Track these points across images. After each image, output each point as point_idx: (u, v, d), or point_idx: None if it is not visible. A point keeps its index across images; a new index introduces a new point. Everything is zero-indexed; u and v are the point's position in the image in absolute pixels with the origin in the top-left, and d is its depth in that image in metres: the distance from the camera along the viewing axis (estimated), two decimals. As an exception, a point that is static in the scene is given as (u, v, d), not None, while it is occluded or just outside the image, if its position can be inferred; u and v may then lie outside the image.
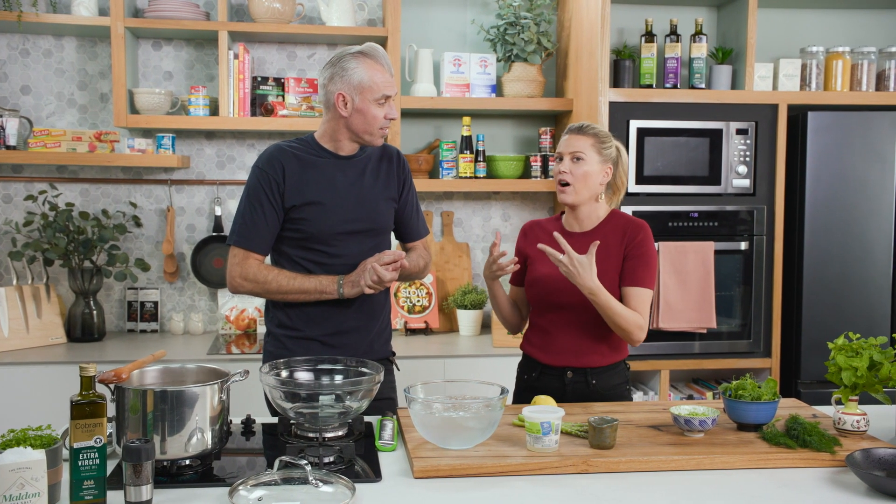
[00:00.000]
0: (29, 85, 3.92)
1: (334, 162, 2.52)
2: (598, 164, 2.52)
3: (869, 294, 3.84)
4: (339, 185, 2.50)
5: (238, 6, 4.02)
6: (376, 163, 2.59)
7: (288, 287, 2.44)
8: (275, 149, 2.52)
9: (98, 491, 1.72)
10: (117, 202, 3.98)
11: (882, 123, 3.81)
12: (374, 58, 2.44)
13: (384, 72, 2.45)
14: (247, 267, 2.47)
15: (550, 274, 2.55)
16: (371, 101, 2.44)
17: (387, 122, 2.48)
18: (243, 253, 2.48)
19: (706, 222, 3.81)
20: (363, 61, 2.43)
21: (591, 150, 2.51)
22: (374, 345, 2.60)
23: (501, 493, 1.85)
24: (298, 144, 2.54)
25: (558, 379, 2.57)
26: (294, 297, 2.46)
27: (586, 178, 2.51)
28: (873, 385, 2.20)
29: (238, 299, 3.99)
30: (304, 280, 2.45)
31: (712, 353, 3.86)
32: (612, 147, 2.55)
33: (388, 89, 2.45)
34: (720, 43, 4.15)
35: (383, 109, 2.46)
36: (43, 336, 3.68)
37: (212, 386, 1.95)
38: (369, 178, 2.55)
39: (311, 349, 2.47)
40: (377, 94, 2.43)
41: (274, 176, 2.46)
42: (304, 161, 2.50)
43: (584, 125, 2.56)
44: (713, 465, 2.02)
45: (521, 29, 3.95)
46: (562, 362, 2.57)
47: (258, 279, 2.46)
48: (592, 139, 2.52)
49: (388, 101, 2.47)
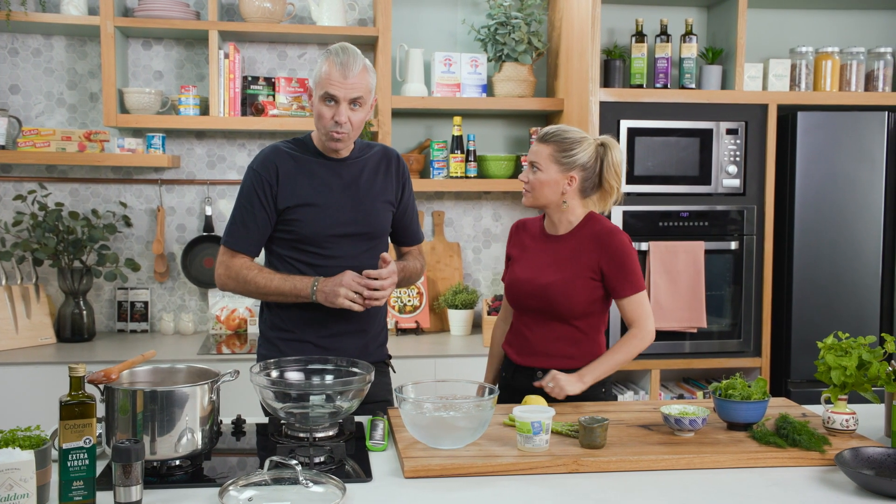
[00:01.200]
0: (18, 84, 3.90)
1: (330, 164, 2.51)
2: (555, 173, 2.49)
3: (858, 293, 3.85)
4: (335, 187, 2.49)
5: (228, 6, 4.01)
6: (375, 165, 2.57)
7: (266, 288, 2.43)
8: (270, 150, 2.51)
9: (87, 492, 1.71)
10: (107, 202, 3.97)
11: (871, 123, 3.82)
12: (332, 55, 2.38)
13: (335, 70, 2.35)
14: (231, 266, 2.47)
15: (522, 276, 2.57)
16: (317, 98, 2.40)
17: (335, 124, 2.38)
18: (231, 252, 2.48)
19: (696, 222, 3.82)
20: (325, 58, 2.39)
21: (548, 160, 2.49)
22: (370, 348, 2.59)
23: (492, 493, 1.85)
24: (295, 145, 2.53)
25: (529, 379, 2.56)
26: (274, 297, 2.46)
27: (541, 186, 2.51)
28: (862, 384, 2.21)
29: (228, 299, 3.99)
30: (282, 282, 2.43)
31: (702, 352, 3.87)
32: (579, 154, 2.49)
33: (332, 88, 2.35)
34: (710, 43, 4.16)
35: (330, 109, 2.38)
36: (32, 336, 3.67)
37: (202, 386, 1.94)
38: (366, 180, 2.53)
39: (304, 352, 2.45)
40: (321, 91, 2.38)
41: (267, 177, 2.45)
42: (299, 162, 2.48)
43: (548, 133, 2.52)
44: (703, 465, 2.03)
45: (511, 29, 3.95)
46: (533, 363, 2.57)
47: (239, 278, 2.46)
48: (553, 148, 2.49)
49: (336, 102, 2.37)
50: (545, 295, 2.51)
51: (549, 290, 2.50)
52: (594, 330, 2.56)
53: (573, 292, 2.49)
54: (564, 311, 2.50)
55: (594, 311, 2.54)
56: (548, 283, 2.50)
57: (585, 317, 2.53)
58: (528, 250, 2.62)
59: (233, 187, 4.05)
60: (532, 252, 2.61)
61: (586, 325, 2.54)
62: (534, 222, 2.69)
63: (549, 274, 2.52)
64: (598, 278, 2.51)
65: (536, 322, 2.57)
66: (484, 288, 4.26)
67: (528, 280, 2.55)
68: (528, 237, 2.66)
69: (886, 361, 2.23)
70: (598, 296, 2.52)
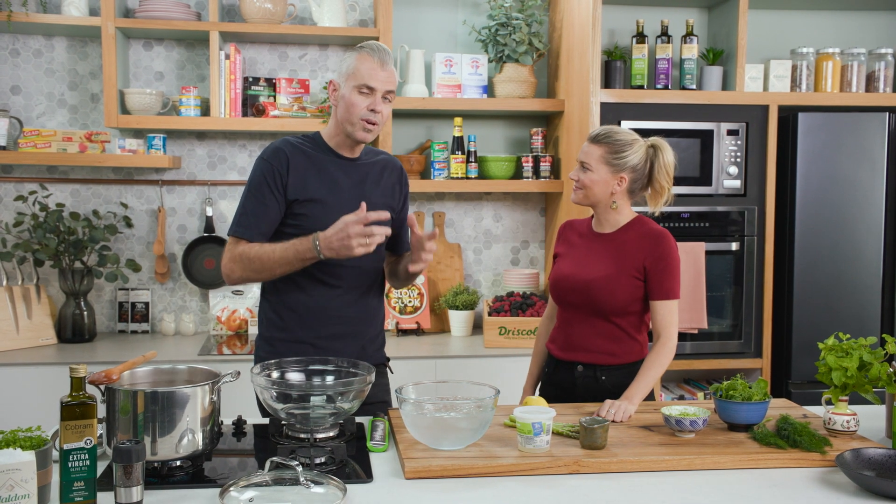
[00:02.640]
0: (19, 85, 3.90)
1: (338, 162, 2.53)
2: (606, 174, 2.55)
3: (859, 294, 3.85)
4: (342, 186, 2.50)
5: (229, 6, 4.01)
6: (379, 171, 2.60)
7: (269, 260, 2.38)
8: (281, 142, 2.52)
9: (88, 492, 1.71)
10: (108, 203, 3.97)
11: (872, 124, 3.82)
12: (369, 50, 2.45)
13: (374, 64, 2.42)
14: (234, 251, 2.43)
15: (567, 272, 2.62)
16: (353, 88, 2.43)
17: (370, 114, 2.43)
18: (235, 240, 2.46)
19: (697, 223, 3.82)
20: (358, 53, 2.45)
21: (598, 162, 2.55)
22: (367, 350, 2.59)
23: (492, 494, 1.85)
24: (305, 141, 2.55)
25: (570, 374, 2.62)
26: (281, 269, 2.40)
27: (592, 185, 2.56)
28: (863, 385, 2.21)
29: (229, 300, 3.99)
30: (283, 250, 2.37)
31: (703, 353, 3.87)
32: (630, 156, 2.54)
33: (372, 80, 2.42)
34: (711, 44, 4.16)
35: (366, 99, 2.43)
36: (33, 337, 3.67)
37: (203, 387, 1.94)
38: (371, 184, 2.56)
39: (302, 353, 2.44)
40: (358, 81, 2.42)
41: (278, 167, 2.46)
42: (309, 157, 2.50)
43: (601, 134, 2.57)
44: (704, 466, 2.03)
45: (512, 30, 3.95)
46: (573, 357, 2.62)
47: (242, 258, 2.40)
48: (605, 149, 2.54)
49: (372, 92, 2.43)
50: (588, 290, 2.55)
51: (593, 286, 2.54)
52: (634, 329, 2.59)
53: (616, 289, 2.53)
54: (606, 307, 2.54)
55: (635, 311, 2.57)
56: (592, 278, 2.55)
57: (626, 315, 2.56)
58: (575, 247, 2.67)
59: (234, 188, 4.05)
60: (578, 248, 2.66)
61: (627, 323, 2.57)
62: (582, 222, 2.74)
63: (593, 270, 2.56)
64: (641, 277, 2.54)
65: (578, 317, 2.61)
66: (485, 289, 4.26)
67: (573, 275, 2.60)
68: (575, 235, 2.71)
69: (887, 362, 2.23)
70: (640, 295, 2.56)
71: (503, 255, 4.29)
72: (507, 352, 3.66)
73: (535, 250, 4.32)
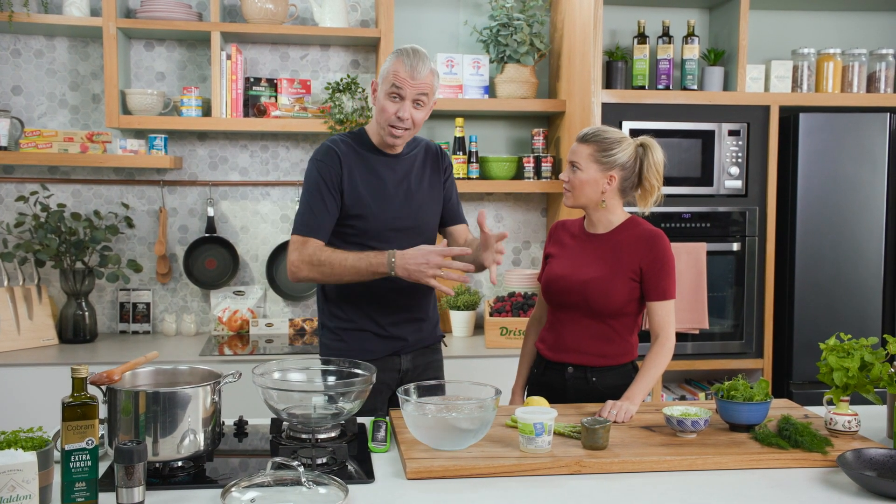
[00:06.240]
0: (20, 85, 3.90)
1: (383, 159, 2.59)
2: (595, 172, 2.54)
3: (860, 295, 3.85)
4: (390, 182, 2.57)
5: (230, 7, 4.01)
6: (423, 160, 2.67)
7: (341, 266, 2.45)
8: (331, 142, 2.59)
9: (90, 493, 1.71)
10: (109, 203, 3.97)
11: (873, 125, 3.82)
12: (402, 54, 2.49)
13: (404, 68, 2.46)
14: (304, 251, 2.49)
15: (561, 272, 2.61)
16: (384, 92, 2.49)
17: (397, 119, 2.47)
18: (302, 239, 2.51)
19: (698, 223, 3.82)
20: (395, 56, 2.50)
21: (588, 160, 2.54)
22: (424, 330, 2.70)
23: (494, 495, 1.85)
24: (351, 139, 2.61)
25: (560, 375, 2.61)
26: (349, 277, 2.47)
27: (581, 185, 2.56)
28: (864, 385, 2.21)
29: (230, 300, 3.99)
30: (356, 259, 2.44)
31: (704, 353, 3.87)
32: (619, 153, 2.53)
33: (400, 83, 2.45)
34: (712, 44, 4.16)
35: (394, 105, 2.47)
36: (34, 337, 3.67)
37: (204, 387, 1.94)
38: (415, 177, 2.63)
39: (366, 340, 2.57)
40: (388, 85, 2.47)
41: (332, 166, 2.53)
42: (359, 155, 2.57)
43: (589, 133, 2.57)
44: (705, 466, 2.03)
45: (513, 30, 3.95)
46: (564, 359, 2.61)
47: (314, 260, 2.47)
48: (593, 147, 2.54)
49: (402, 98, 2.46)
50: (583, 291, 2.54)
51: (588, 287, 2.53)
52: (627, 331, 2.59)
53: (611, 290, 2.52)
54: (601, 308, 2.53)
55: (629, 312, 2.57)
56: (587, 279, 2.54)
57: (620, 316, 2.56)
58: (568, 248, 2.66)
59: (235, 188, 4.05)
60: (571, 249, 2.65)
61: (620, 324, 2.57)
62: (574, 222, 2.74)
63: (588, 271, 2.56)
64: (637, 279, 2.54)
65: (571, 319, 2.60)
66: (486, 289, 4.26)
67: (567, 276, 2.59)
68: (567, 235, 2.70)
69: (888, 363, 2.23)
70: (635, 297, 2.55)
71: (504, 256, 4.29)
72: (509, 352, 3.66)
73: (537, 251, 4.32)
